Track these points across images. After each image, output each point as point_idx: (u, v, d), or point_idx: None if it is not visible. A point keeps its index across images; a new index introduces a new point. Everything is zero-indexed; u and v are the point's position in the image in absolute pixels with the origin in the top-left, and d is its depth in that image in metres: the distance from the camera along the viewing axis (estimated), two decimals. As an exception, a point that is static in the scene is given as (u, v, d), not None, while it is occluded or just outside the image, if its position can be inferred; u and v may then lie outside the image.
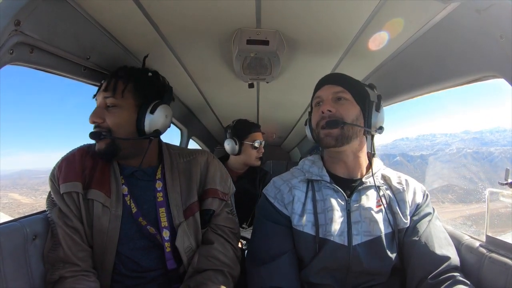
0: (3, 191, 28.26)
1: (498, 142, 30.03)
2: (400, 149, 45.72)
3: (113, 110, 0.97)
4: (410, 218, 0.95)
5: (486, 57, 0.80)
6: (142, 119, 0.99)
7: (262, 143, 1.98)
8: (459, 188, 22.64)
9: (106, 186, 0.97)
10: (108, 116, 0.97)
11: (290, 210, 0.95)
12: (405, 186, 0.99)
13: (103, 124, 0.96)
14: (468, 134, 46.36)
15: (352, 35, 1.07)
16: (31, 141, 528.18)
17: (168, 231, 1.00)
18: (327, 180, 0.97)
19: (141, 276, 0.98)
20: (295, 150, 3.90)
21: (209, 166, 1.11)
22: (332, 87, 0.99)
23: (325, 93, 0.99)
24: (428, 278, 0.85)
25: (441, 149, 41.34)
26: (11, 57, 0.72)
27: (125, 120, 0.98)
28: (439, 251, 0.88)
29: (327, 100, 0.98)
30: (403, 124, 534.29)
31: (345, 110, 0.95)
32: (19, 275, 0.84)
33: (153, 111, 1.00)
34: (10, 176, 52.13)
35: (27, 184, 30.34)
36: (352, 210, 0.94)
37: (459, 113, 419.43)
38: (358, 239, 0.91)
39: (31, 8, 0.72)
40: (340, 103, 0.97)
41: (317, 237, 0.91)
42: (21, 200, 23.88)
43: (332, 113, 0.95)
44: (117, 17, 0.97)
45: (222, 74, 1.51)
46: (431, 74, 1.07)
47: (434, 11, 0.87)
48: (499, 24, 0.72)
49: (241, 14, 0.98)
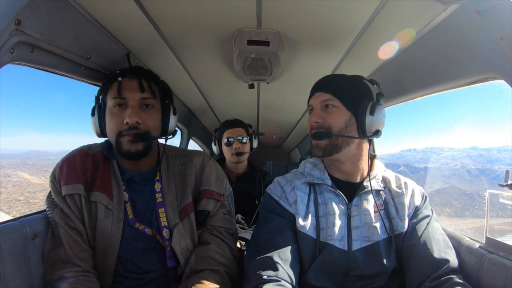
0: (13, 170, 28.41)
1: (504, 160, 29.93)
2: (406, 159, 45.75)
3: (150, 111, 0.99)
4: (409, 221, 0.95)
5: (486, 59, 0.80)
6: (167, 120, 1.03)
7: (237, 139, 1.93)
8: (458, 203, 22.68)
9: (108, 189, 0.97)
10: (145, 117, 0.97)
11: (294, 209, 0.95)
12: (404, 189, 0.99)
13: (142, 126, 0.96)
14: (476, 151, 46.39)
15: (352, 36, 1.07)
16: (41, 123, 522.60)
17: (168, 230, 1.00)
18: (328, 184, 0.97)
19: (141, 277, 0.98)
20: (295, 151, 3.89)
21: (205, 167, 1.11)
22: (321, 94, 0.97)
23: (315, 101, 0.98)
24: (427, 281, 0.85)
25: (446, 163, 41.27)
26: (11, 57, 0.72)
27: (159, 121, 1.03)
28: (438, 254, 0.88)
29: (317, 109, 0.97)
30: (412, 136, 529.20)
31: (332, 119, 0.94)
32: (19, 275, 0.84)
33: (175, 113, 1.07)
34: (19, 155, 52.12)
35: (36, 165, 30.41)
36: (353, 215, 0.94)
37: (472, 130, 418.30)
38: (357, 245, 0.91)
39: (32, 8, 0.72)
40: (328, 112, 0.95)
41: (318, 241, 0.92)
42: (31, 179, 23.98)
43: (320, 124, 0.94)
44: (118, 17, 0.97)
45: (223, 74, 1.52)
46: (431, 76, 1.07)
47: (434, 13, 0.87)
48: (500, 25, 0.72)
49: (242, 14, 0.98)
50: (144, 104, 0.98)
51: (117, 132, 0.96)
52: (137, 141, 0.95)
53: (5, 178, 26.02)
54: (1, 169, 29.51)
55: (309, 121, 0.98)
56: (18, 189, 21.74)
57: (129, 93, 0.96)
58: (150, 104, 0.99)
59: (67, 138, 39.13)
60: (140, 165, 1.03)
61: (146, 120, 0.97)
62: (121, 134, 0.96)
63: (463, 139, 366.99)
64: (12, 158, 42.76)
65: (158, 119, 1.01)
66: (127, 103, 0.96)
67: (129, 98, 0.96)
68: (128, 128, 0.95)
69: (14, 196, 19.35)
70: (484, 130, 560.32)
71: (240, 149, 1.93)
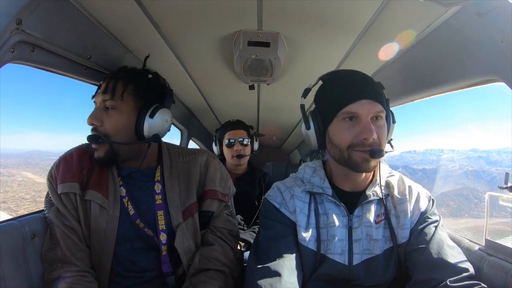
0: (16, 169, 28.55)
1: (502, 162, 29.77)
2: (405, 161, 45.32)
3: (112, 113, 0.96)
4: (413, 228, 0.90)
5: (487, 61, 0.80)
6: (141, 123, 0.97)
7: (238, 141, 1.92)
8: (454, 203, 22.71)
9: (104, 187, 0.97)
10: (106, 120, 0.95)
11: (294, 218, 0.93)
12: (408, 194, 0.93)
13: (101, 129, 0.94)
14: (475, 152, 46.17)
15: (353, 38, 1.07)
16: (43, 122, 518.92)
17: (165, 234, 0.99)
18: (329, 194, 0.92)
19: (139, 276, 0.98)
20: (295, 152, 3.89)
21: (209, 166, 1.11)
22: (373, 104, 0.83)
23: (365, 111, 0.82)
24: (447, 281, 0.79)
25: (444, 165, 41.08)
26: (12, 56, 0.72)
27: (123, 125, 0.96)
28: (454, 259, 0.82)
29: (368, 123, 0.82)
30: (413, 137, 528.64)
31: (383, 134, 0.85)
32: (18, 274, 0.84)
33: (153, 115, 0.98)
34: (21, 155, 52.23)
35: (39, 164, 30.57)
36: (354, 227, 0.90)
37: (472, 131, 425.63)
38: (358, 258, 0.89)
39: (32, 7, 0.72)
40: (378, 125, 0.84)
41: (318, 254, 0.90)
42: (35, 179, 24.13)
43: (375, 141, 0.82)
44: (118, 17, 0.97)
45: (223, 75, 1.52)
46: (432, 78, 1.07)
47: (435, 15, 0.87)
48: (500, 27, 0.72)
49: (243, 16, 0.98)
50: (105, 106, 0.96)
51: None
52: (91, 142, 0.94)
53: (9, 178, 26.20)
54: (4, 168, 29.67)
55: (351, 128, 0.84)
56: (24, 188, 21.87)
57: (97, 96, 0.98)
58: (109, 106, 0.96)
59: (69, 138, 38.43)
60: (136, 165, 1.03)
61: (106, 121, 0.95)
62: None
63: (464, 140, 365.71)
64: (13, 158, 42.86)
65: (120, 122, 0.96)
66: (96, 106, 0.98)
67: (96, 100, 0.98)
68: (91, 129, 0.95)
69: (20, 194, 19.42)
70: (486, 130, 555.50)
71: (241, 151, 1.92)
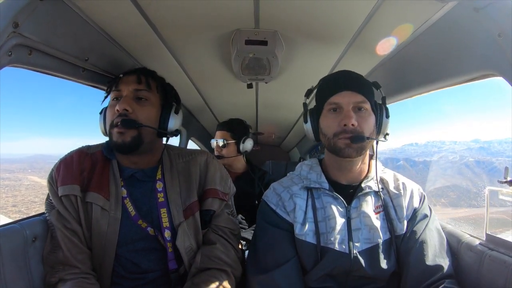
0: (22, 174, 28.65)
1: (504, 153, 30.03)
2: (406, 154, 45.71)
3: (144, 103, 0.98)
4: (407, 222, 0.95)
5: (485, 56, 0.80)
6: (167, 118, 1.02)
7: (219, 142, 1.93)
8: (453, 194, 22.87)
9: (105, 189, 0.97)
10: (138, 109, 0.97)
11: (292, 217, 0.95)
12: (402, 190, 0.98)
13: (132, 115, 0.95)
14: (477, 143, 46.29)
15: (350, 34, 1.07)
16: (45, 127, 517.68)
17: (169, 232, 1.00)
18: (326, 188, 0.96)
19: (141, 277, 0.98)
20: (294, 150, 3.90)
21: (209, 166, 1.11)
22: (353, 95, 0.91)
23: (345, 101, 0.91)
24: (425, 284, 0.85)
25: (445, 156, 41.42)
26: (9, 59, 0.72)
27: (153, 115, 1.00)
28: (432, 260, 0.88)
29: (348, 110, 0.90)
30: (415, 130, 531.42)
31: (365, 123, 0.91)
32: (19, 277, 0.84)
33: (177, 112, 1.06)
34: (25, 160, 52.32)
35: (44, 168, 30.65)
36: (352, 217, 0.93)
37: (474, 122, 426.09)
38: (358, 247, 0.91)
39: (29, 10, 0.72)
40: (360, 115, 0.91)
41: (319, 246, 0.91)
42: (42, 182, 24.27)
43: (354, 127, 0.89)
44: (115, 18, 0.97)
45: (221, 74, 1.51)
46: (429, 73, 1.07)
47: (432, 10, 0.87)
48: (497, 22, 0.72)
49: (240, 14, 0.98)
50: (138, 97, 0.98)
51: (110, 123, 0.96)
52: (123, 126, 0.93)
53: (16, 182, 26.36)
54: (11, 173, 29.80)
55: (336, 119, 0.92)
56: (32, 192, 22.01)
57: (124, 86, 0.98)
58: (143, 96, 0.98)
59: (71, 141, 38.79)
60: (140, 163, 1.03)
61: (137, 110, 0.96)
62: (112, 124, 0.95)
63: (465, 132, 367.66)
64: (18, 163, 42.98)
65: (151, 113, 0.99)
66: (122, 95, 0.98)
67: (123, 90, 0.98)
68: (118, 115, 0.95)
69: (29, 198, 19.53)
70: (488, 121, 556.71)
71: (220, 153, 1.93)
